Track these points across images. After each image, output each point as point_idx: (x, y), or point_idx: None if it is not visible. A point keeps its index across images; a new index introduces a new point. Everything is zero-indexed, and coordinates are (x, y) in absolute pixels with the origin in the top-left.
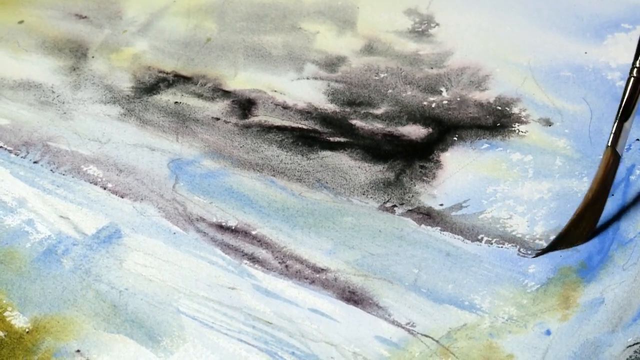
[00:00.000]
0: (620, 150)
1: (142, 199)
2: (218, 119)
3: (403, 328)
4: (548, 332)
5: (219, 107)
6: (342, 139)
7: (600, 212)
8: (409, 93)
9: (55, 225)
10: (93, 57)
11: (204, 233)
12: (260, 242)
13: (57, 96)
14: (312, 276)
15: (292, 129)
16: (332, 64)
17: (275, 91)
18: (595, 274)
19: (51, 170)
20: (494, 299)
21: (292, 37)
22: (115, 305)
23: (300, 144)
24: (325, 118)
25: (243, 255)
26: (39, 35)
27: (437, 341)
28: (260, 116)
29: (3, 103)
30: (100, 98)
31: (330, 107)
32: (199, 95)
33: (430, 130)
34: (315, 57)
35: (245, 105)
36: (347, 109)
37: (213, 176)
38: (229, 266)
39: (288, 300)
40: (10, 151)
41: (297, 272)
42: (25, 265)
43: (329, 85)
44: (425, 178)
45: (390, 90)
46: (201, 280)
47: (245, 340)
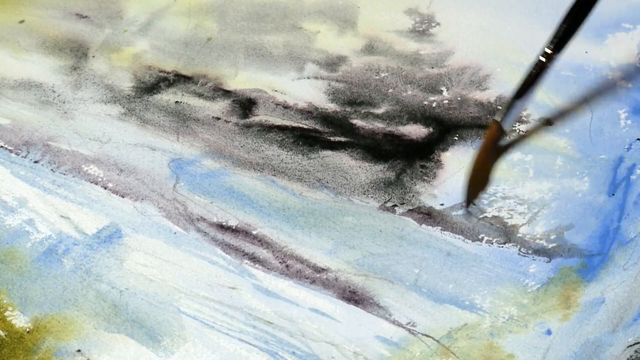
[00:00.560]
0: (508, 127)
1: (142, 199)
2: (219, 118)
3: (404, 328)
4: (549, 332)
5: (219, 106)
6: (342, 139)
7: (487, 179)
8: (409, 93)
9: (55, 225)
10: (94, 56)
11: (205, 233)
12: (261, 242)
13: (58, 96)
14: (312, 276)
15: (293, 129)
16: (332, 63)
17: (276, 91)
18: (596, 274)
19: (52, 170)
20: (494, 299)
21: (293, 36)
22: (116, 305)
23: (300, 143)
24: (325, 118)
25: (244, 255)
26: (40, 34)
27: (437, 341)
28: (261, 116)
29: (4, 103)
30: (101, 98)
31: (331, 107)
32: (200, 95)
33: (431, 129)
34: (315, 57)
35: (245, 105)
36: (348, 109)
37: (214, 176)
38: (230, 266)
39: (289, 300)
40: (10, 151)
41: (297, 272)
42: (26, 265)
43: (329, 85)
44: (426, 178)
45: (390, 90)
46: (202, 280)
47: (246, 340)
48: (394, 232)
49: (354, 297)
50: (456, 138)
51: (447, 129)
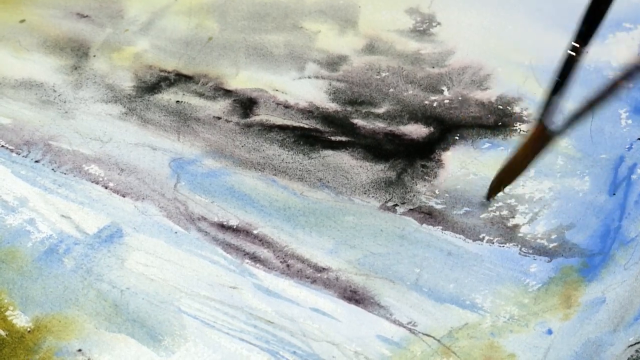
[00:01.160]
0: (549, 124)
1: (143, 199)
2: (219, 118)
3: (404, 327)
4: (549, 332)
5: (220, 106)
6: (343, 138)
7: (517, 177)
8: (410, 92)
9: (56, 225)
10: (94, 56)
11: (206, 232)
12: (262, 241)
13: (59, 95)
14: (313, 275)
15: (294, 128)
16: (333, 63)
17: (277, 90)
18: (597, 273)
19: (52, 170)
20: (495, 299)
21: (294, 36)
22: (117, 305)
23: (301, 143)
24: (326, 117)
25: (244, 255)
26: (41, 34)
27: (438, 340)
28: (262, 115)
29: (4, 102)
30: (102, 97)
31: (332, 106)
32: (201, 95)
33: (432, 129)
34: (316, 56)
35: (246, 105)
36: (349, 108)
37: (214, 175)
38: (231, 265)
39: (289, 299)
40: (11, 150)
41: (298, 272)
42: (27, 265)
43: (330, 85)
44: (427, 177)
45: (391, 90)
46: (202, 280)
47: (247, 339)
48: (395, 232)
49: (354, 296)
50: (457, 138)
51: (448, 128)
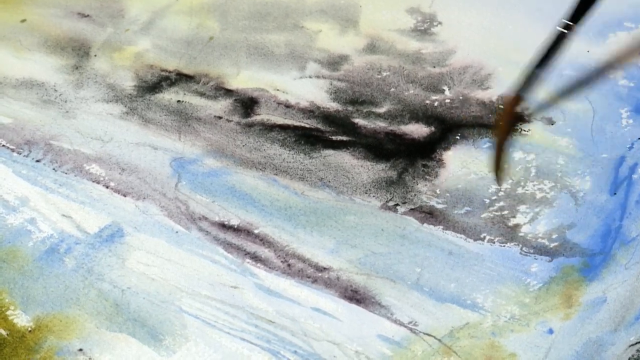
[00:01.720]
0: (528, 97)
1: (144, 198)
2: (220, 117)
3: (405, 327)
4: (550, 331)
5: (221, 105)
6: (344, 138)
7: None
8: (411, 92)
9: (57, 224)
10: (95, 55)
11: (207, 232)
12: (263, 241)
13: (60, 95)
14: (314, 275)
15: (295, 128)
16: (334, 62)
17: (278, 90)
18: (598, 273)
19: (53, 169)
20: (496, 298)
21: (295, 35)
22: (118, 304)
23: (302, 142)
24: (327, 117)
25: (245, 254)
26: (42, 34)
27: (439, 340)
28: (263, 115)
29: (6, 102)
30: (103, 97)
31: (333, 106)
32: (202, 94)
33: (433, 129)
34: (317, 56)
35: (247, 104)
36: (350, 108)
37: (215, 175)
38: (232, 265)
39: (290, 299)
40: (12, 150)
41: (299, 271)
42: (28, 264)
43: (331, 84)
44: (428, 177)
45: (392, 89)
46: (203, 279)
47: (248, 339)
48: (396, 231)
49: (355, 296)
50: (458, 137)
51: (448, 128)
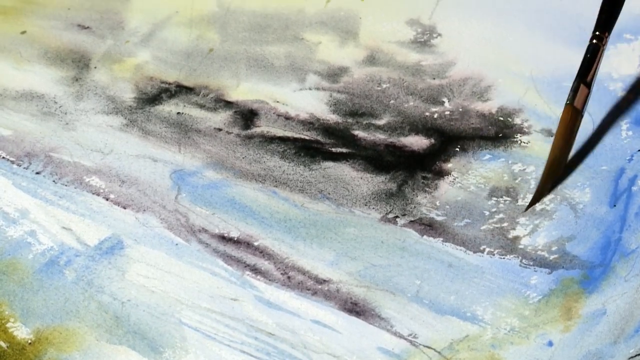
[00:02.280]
0: (580, 106)
1: (144, 210)
2: (220, 129)
3: (405, 339)
4: (550, 344)
5: (221, 117)
6: (344, 150)
7: (562, 166)
8: (411, 104)
9: (57, 237)
10: (95, 67)
11: (206, 244)
12: (263, 253)
13: (60, 107)
14: (314, 287)
15: (295, 140)
16: (334, 74)
17: (278, 102)
18: (597, 285)
19: (53, 181)
20: (496, 310)
21: (295, 47)
22: (118, 317)
23: (302, 154)
24: (327, 129)
25: (245, 267)
26: (42, 45)
27: (439, 352)
28: (263, 127)
29: (6, 114)
30: (103, 109)
31: (333, 118)
32: (202, 106)
33: (433, 141)
34: (317, 68)
35: (247, 116)
36: (350, 120)
37: (215, 187)
38: (231, 277)
39: (290, 311)
40: (12, 162)
41: (299, 284)
42: (28, 277)
43: (331, 96)
44: (428, 189)
45: (392, 101)
46: (203, 292)
47: (248, 351)
48: (396, 244)
49: (355, 308)
50: (458, 149)
51: (448, 140)
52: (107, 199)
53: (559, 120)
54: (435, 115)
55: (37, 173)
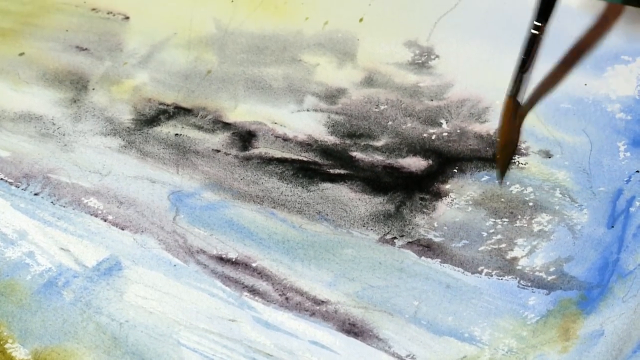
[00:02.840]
0: (520, 98)
1: (142, 231)
2: (218, 151)
3: None
4: None
5: (219, 139)
6: (342, 171)
7: (510, 157)
8: (409, 125)
9: (55, 258)
10: (93, 89)
11: (205, 265)
12: (261, 274)
13: (58, 128)
14: (312, 308)
15: (293, 161)
16: (332, 95)
17: (276, 123)
18: (595, 306)
19: (52, 203)
20: (494, 331)
21: (293, 69)
22: (116, 338)
23: (300, 176)
24: (325, 150)
25: (243, 288)
26: (40, 67)
27: None
28: (261, 148)
29: (4, 135)
30: (101, 130)
31: (331, 139)
32: (200, 127)
33: (431, 162)
34: (315, 89)
35: (245, 137)
36: (348, 141)
37: (213, 208)
38: (230, 298)
39: (288, 332)
40: (10, 183)
41: (297, 304)
42: (26, 298)
43: (329, 117)
44: (425, 210)
45: (390, 122)
46: (201, 313)
47: None
48: (394, 265)
49: (353, 329)
50: (455, 170)
51: (446, 161)
52: (105, 220)
53: (502, 111)
54: (433, 137)
55: (36, 194)
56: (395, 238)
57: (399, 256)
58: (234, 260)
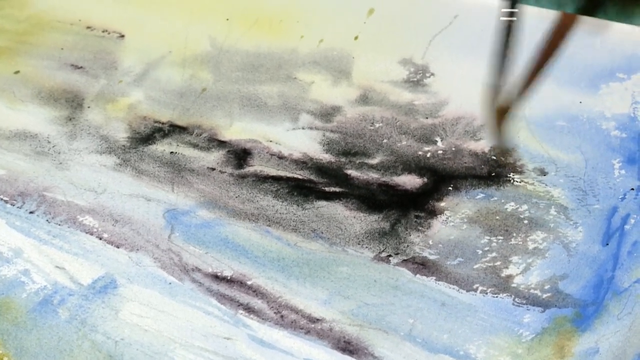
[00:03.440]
0: (503, 82)
1: (137, 249)
2: (213, 169)
3: None
4: None
5: (214, 157)
6: (337, 189)
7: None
8: (404, 143)
9: (51, 276)
10: (89, 107)
11: (200, 283)
12: (256, 292)
13: (53, 146)
14: (307, 326)
15: (288, 179)
16: (327, 113)
17: (271, 141)
18: (590, 324)
19: (47, 221)
20: (489, 349)
21: (288, 87)
22: (111, 356)
23: (295, 194)
24: (320, 168)
25: (238, 306)
26: (35, 85)
27: None
28: (256, 166)
29: None
30: (96, 148)
31: (326, 157)
32: (195, 145)
33: (425, 180)
34: (310, 107)
35: (240, 155)
36: (343, 159)
37: (208, 226)
38: (225, 316)
39: (283, 350)
40: (6, 201)
41: (292, 322)
42: (22, 316)
43: (324, 135)
44: (421, 228)
45: (385, 140)
46: (197, 330)
47: None
48: (389, 282)
49: (348, 347)
50: (450, 188)
51: (441, 179)
52: (100, 238)
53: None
54: (428, 155)
55: (31, 212)
56: (390, 256)
57: (394, 274)
58: (229, 278)
